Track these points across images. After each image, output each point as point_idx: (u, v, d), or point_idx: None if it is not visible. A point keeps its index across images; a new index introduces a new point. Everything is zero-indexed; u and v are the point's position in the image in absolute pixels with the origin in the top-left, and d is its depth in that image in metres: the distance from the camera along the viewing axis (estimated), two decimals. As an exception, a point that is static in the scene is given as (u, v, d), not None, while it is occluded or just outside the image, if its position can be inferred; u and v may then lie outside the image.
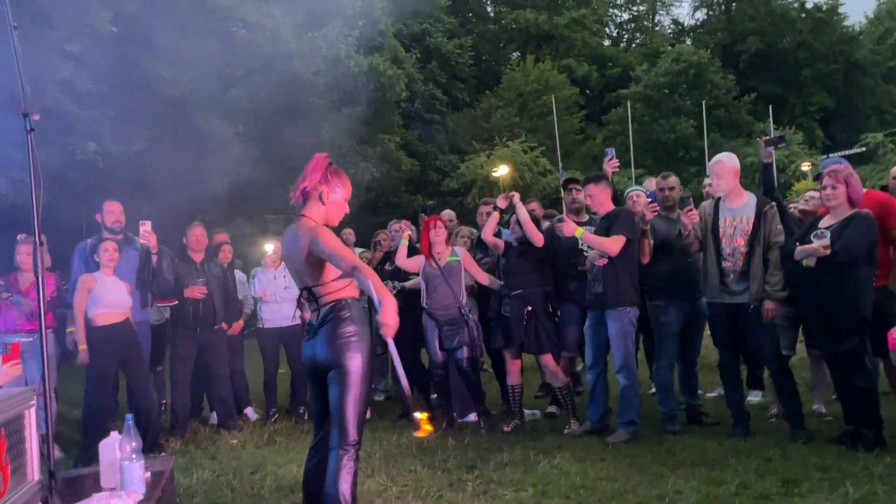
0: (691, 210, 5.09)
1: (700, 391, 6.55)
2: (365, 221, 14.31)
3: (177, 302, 6.40)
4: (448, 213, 7.10)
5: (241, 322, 6.95)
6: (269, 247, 6.85)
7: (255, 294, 6.80)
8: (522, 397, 6.02)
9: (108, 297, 5.65)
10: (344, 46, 15.60)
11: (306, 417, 6.70)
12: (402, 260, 6.06)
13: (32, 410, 3.22)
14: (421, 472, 4.68)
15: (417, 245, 6.49)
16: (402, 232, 6.30)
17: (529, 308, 5.60)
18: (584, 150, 31.46)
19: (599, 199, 5.42)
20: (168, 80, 13.23)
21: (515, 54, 36.65)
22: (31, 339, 5.73)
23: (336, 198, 3.42)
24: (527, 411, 6.18)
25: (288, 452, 5.48)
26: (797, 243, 4.78)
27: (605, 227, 5.38)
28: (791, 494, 3.83)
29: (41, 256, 2.99)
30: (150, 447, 5.72)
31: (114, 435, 3.18)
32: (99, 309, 5.64)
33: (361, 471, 4.68)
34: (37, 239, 2.95)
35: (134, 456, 2.91)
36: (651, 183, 6.59)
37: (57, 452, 5.52)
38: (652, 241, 5.43)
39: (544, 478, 4.37)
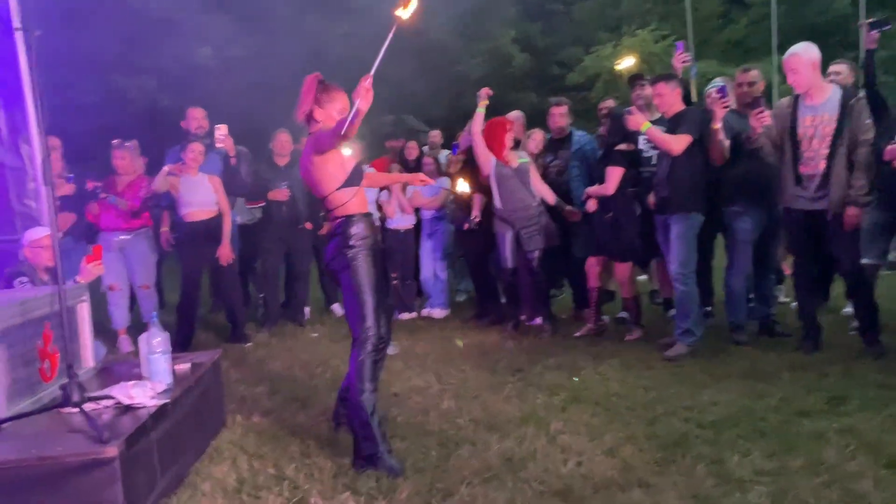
0: (762, 112, 4.67)
1: (787, 299, 6.25)
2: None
3: (264, 203, 6.75)
4: (517, 115, 6.90)
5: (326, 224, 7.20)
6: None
7: (336, 199, 6.99)
8: (599, 301, 5.92)
9: (190, 197, 6.04)
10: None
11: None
12: (477, 126, 5.98)
13: (84, 304, 3.58)
14: (468, 373, 4.81)
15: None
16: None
17: (611, 214, 5.46)
18: (724, 37, 29.05)
19: (668, 98, 5.07)
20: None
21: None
22: (129, 236, 6.26)
23: (330, 114, 3.46)
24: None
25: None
26: (892, 140, 4.32)
27: (673, 128, 5.06)
28: (835, 412, 3.64)
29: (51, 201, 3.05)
30: (236, 338, 6.22)
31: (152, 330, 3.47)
32: (185, 208, 6.07)
33: (412, 368, 4.92)
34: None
35: (159, 350, 3.19)
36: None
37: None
38: (727, 142, 5.06)
39: (582, 383, 4.37)
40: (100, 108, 12.58)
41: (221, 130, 6.33)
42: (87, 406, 2.80)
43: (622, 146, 5.45)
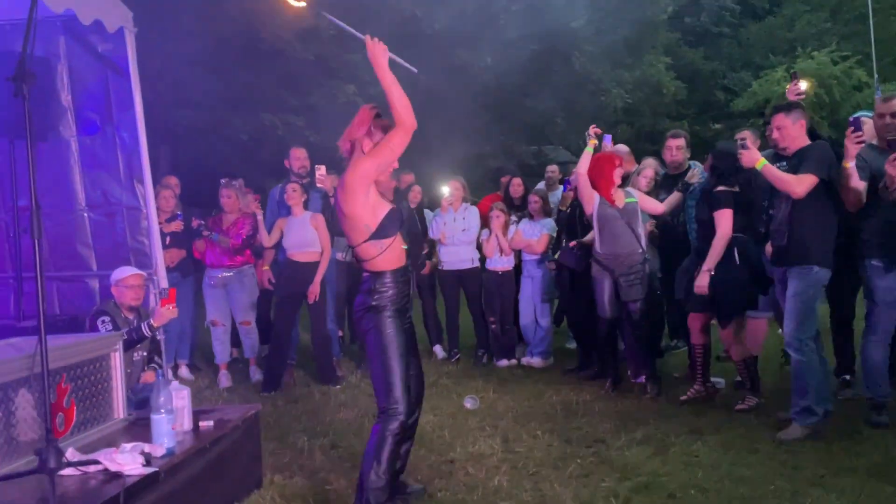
0: None
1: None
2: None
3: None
4: (623, 149, 6.29)
5: (430, 262, 6.95)
6: (446, 189, 6.72)
7: (433, 236, 6.74)
8: (708, 360, 5.20)
9: (295, 238, 6.03)
10: (600, -37, 14.65)
11: (484, 361, 6.60)
12: (583, 167, 5.46)
13: (116, 354, 3.51)
14: (539, 440, 4.31)
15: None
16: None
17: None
18: (915, 56, 26.11)
19: (790, 131, 4.32)
20: (419, 18, 13.49)
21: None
22: (231, 273, 6.34)
23: None
24: (715, 379, 5.36)
25: (436, 399, 5.38)
26: None
27: (795, 165, 4.31)
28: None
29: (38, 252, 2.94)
30: (326, 379, 6.07)
31: (173, 384, 3.32)
32: (290, 249, 6.08)
33: (483, 429, 4.51)
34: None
35: (163, 409, 3.01)
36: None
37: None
38: (863, 184, 4.23)
39: (661, 467, 3.74)
40: (253, 145, 13.26)
41: (321, 171, 6.33)
42: (68, 472, 2.66)
43: (721, 188, 4.75)
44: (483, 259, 6.63)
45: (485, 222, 6.65)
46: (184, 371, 6.56)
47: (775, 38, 25.97)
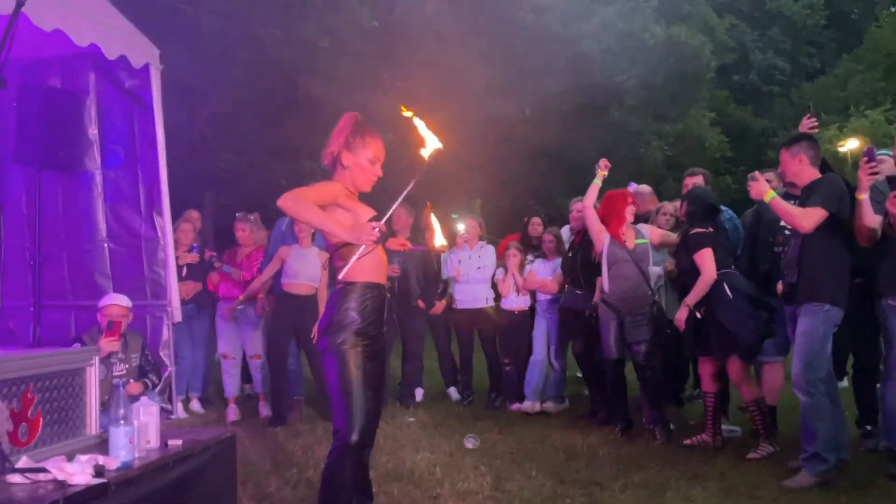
0: None
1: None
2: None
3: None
4: (645, 189, 6.17)
5: (443, 302, 6.85)
6: (461, 226, 6.66)
7: (448, 274, 6.66)
8: (719, 408, 4.96)
9: (296, 268, 5.98)
10: (639, 19, 14.64)
11: (497, 405, 6.42)
12: (591, 200, 5.38)
13: (91, 369, 3.49)
14: (533, 480, 4.11)
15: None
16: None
17: (703, 307, 4.62)
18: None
19: (789, 166, 4.18)
20: (459, 70, 13.70)
21: (890, 10, 30.93)
22: (243, 306, 6.34)
23: (358, 160, 3.08)
24: (727, 427, 5.09)
25: (437, 438, 5.23)
26: None
27: (804, 200, 4.14)
28: None
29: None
30: (329, 414, 5.93)
31: (142, 399, 3.28)
32: (287, 279, 6.01)
33: (477, 468, 4.34)
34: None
35: (122, 421, 2.97)
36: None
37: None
38: (878, 218, 4.01)
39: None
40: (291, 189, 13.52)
41: None
42: (13, 478, 2.62)
43: (697, 230, 4.66)
44: (498, 298, 6.50)
45: (501, 262, 6.55)
46: (195, 404, 6.54)
47: (828, 97, 25.63)
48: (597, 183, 5.45)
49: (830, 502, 3.57)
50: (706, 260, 4.59)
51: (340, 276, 3.00)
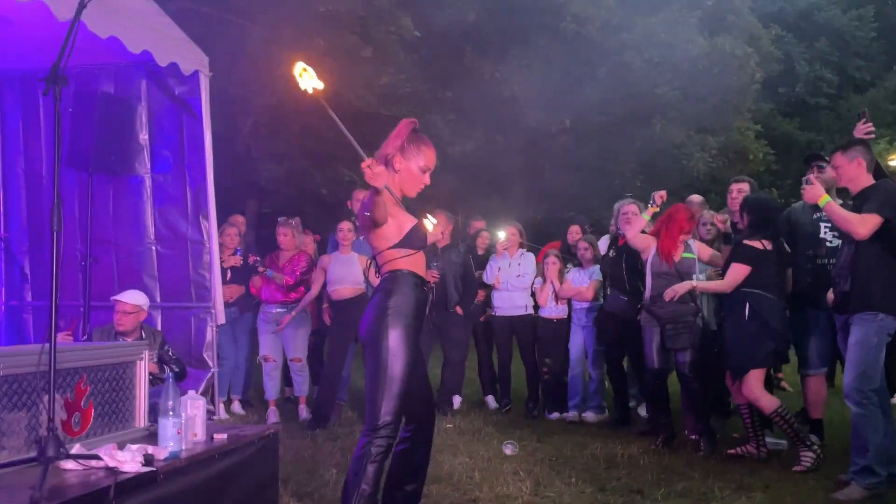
0: None
1: None
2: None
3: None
4: (696, 198, 6.09)
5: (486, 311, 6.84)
6: (502, 233, 6.66)
7: (488, 280, 6.64)
8: (758, 418, 4.84)
9: (339, 274, 6.07)
10: (683, 29, 14.50)
11: (535, 414, 6.37)
12: (635, 232, 5.27)
13: (141, 362, 3.57)
14: (573, 487, 4.08)
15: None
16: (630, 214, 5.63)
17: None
18: None
19: (846, 170, 4.08)
20: (499, 80, 13.71)
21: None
22: (284, 310, 6.41)
23: (410, 166, 3.18)
24: (771, 440, 4.98)
25: (475, 444, 5.21)
26: None
27: (858, 206, 4.05)
28: None
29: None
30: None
31: (189, 393, 3.34)
32: (331, 285, 6.11)
33: (517, 472, 4.31)
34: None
35: (170, 413, 3.02)
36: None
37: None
38: (933, 226, 3.91)
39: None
40: (332, 199, 13.65)
41: None
42: (67, 464, 2.68)
43: (754, 242, 4.54)
44: (537, 307, 6.47)
45: (540, 270, 6.52)
46: (236, 406, 6.63)
47: (878, 111, 25.01)
48: (645, 218, 5.35)
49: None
50: (736, 273, 4.59)
51: (388, 268, 3.05)
